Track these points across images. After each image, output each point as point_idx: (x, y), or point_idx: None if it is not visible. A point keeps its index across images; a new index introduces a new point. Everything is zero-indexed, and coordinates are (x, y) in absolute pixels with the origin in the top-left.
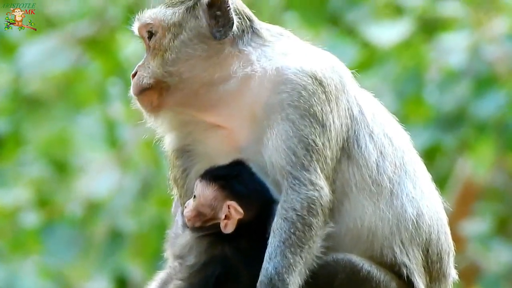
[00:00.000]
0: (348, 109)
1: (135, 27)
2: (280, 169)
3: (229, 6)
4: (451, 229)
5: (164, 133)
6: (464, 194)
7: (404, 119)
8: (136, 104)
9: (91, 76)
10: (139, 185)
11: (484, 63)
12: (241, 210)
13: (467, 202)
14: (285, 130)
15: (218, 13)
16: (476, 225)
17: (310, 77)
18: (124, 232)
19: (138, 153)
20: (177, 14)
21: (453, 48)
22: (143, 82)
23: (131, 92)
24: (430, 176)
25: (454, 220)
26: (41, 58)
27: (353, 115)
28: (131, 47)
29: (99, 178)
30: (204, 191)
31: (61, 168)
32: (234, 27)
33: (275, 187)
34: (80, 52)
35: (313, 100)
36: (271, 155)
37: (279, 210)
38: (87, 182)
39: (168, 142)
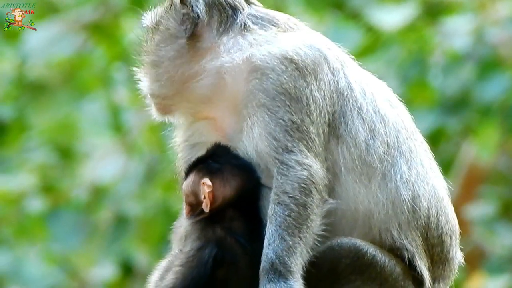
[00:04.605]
0: (332, 83)
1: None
2: (267, 157)
3: (191, 1)
4: (455, 213)
5: (176, 128)
6: (469, 178)
7: (408, 103)
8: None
9: (95, 62)
10: (144, 170)
11: (488, 47)
12: (210, 183)
13: (471, 186)
14: (262, 117)
15: (184, 11)
16: (481, 209)
17: (278, 58)
18: (129, 217)
19: (143, 138)
20: (155, 16)
21: (457, 32)
22: (143, 90)
23: None
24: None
25: (458, 204)
26: (45, 44)
27: (338, 89)
28: (136, 32)
29: (104, 164)
30: (185, 182)
31: (66, 154)
32: (201, 21)
33: (267, 176)
34: (84, 38)
35: (283, 79)
36: (255, 145)
37: (272, 196)
38: (92, 167)
39: (177, 136)
